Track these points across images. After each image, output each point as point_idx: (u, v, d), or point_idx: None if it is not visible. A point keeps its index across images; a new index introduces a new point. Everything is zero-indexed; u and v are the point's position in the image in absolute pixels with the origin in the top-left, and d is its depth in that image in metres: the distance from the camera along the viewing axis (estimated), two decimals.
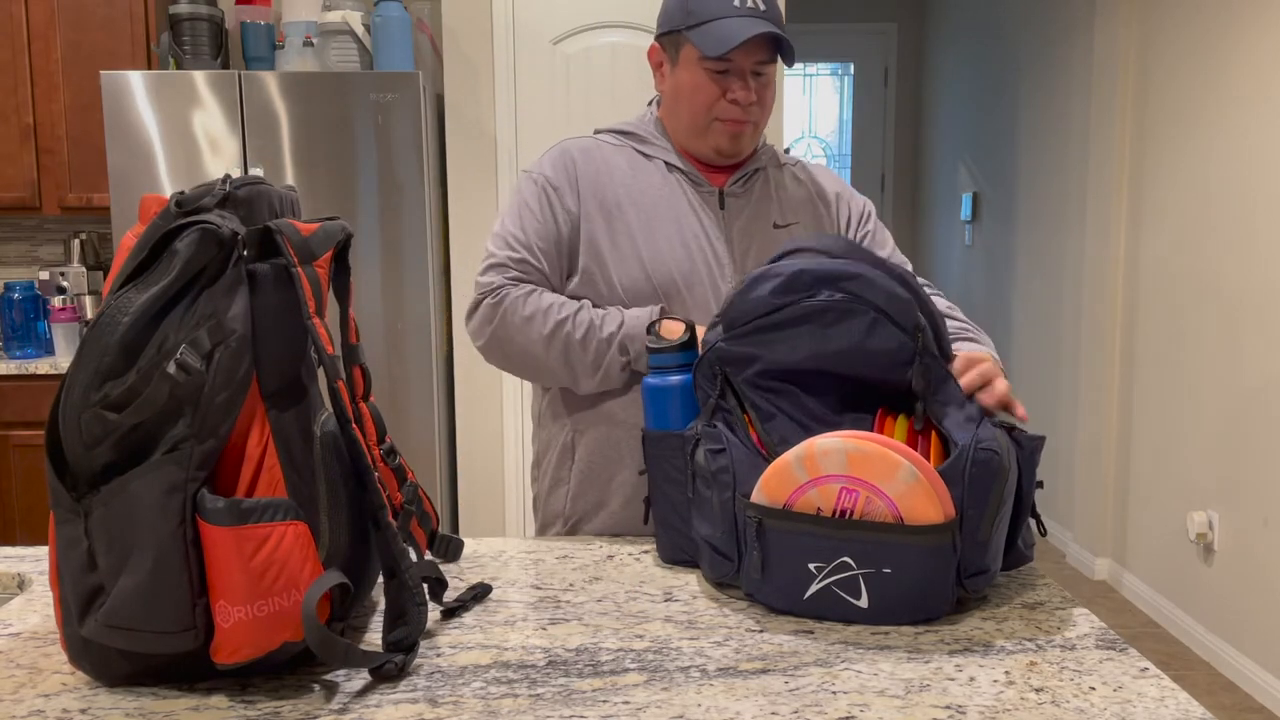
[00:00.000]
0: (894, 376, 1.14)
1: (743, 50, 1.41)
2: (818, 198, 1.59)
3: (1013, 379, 4.84)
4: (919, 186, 6.27)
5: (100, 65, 3.30)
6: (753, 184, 1.54)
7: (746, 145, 1.51)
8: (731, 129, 1.47)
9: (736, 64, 1.43)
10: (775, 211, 1.54)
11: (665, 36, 1.49)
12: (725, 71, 1.44)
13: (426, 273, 3.14)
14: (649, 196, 1.49)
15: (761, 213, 1.53)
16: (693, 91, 1.46)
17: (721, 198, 1.51)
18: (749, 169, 1.54)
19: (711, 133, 1.48)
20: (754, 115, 1.47)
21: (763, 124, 1.52)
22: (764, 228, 1.52)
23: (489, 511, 3.47)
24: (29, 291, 3.41)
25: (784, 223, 1.54)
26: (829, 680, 0.96)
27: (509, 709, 0.90)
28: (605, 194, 1.48)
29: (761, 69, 1.45)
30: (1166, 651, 3.34)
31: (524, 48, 3.33)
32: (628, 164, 1.51)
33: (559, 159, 1.51)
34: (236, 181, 0.98)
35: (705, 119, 1.47)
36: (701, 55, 1.43)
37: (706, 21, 1.41)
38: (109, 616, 0.89)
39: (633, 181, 1.50)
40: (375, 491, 1.01)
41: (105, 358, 0.88)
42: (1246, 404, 3.04)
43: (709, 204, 1.51)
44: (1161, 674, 0.97)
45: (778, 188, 1.56)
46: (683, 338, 1.28)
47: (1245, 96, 3.06)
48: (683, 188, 1.51)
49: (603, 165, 1.51)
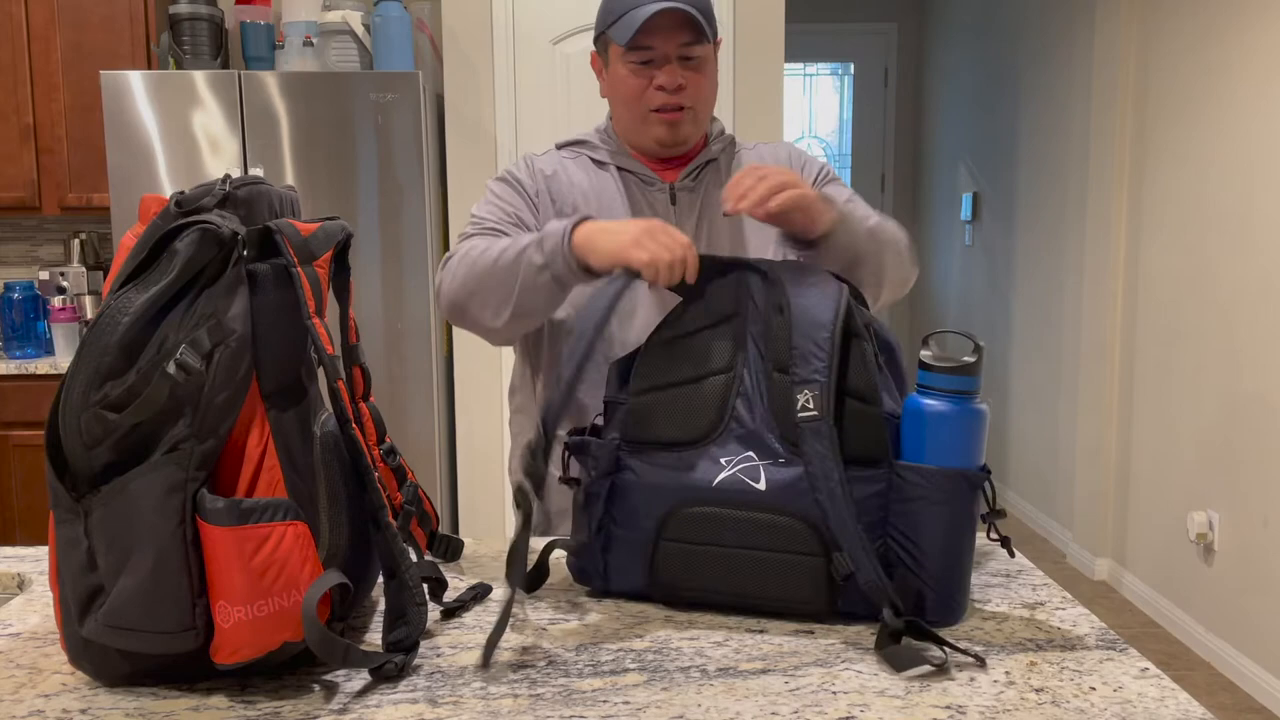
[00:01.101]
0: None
1: (659, 34, 1.41)
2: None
3: (1013, 379, 4.84)
4: (919, 186, 6.27)
5: (100, 65, 3.30)
6: (704, 176, 1.54)
7: (688, 133, 1.49)
8: (666, 118, 1.46)
9: (658, 50, 1.43)
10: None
11: (597, 41, 1.52)
12: (649, 61, 1.44)
13: (426, 273, 3.14)
14: (603, 201, 1.52)
15: (712, 203, 1.52)
16: (622, 86, 1.48)
17: (673, 194, 1.52)
18: (699, 161, 1.53)
19: (648, 125, 1.48)
20: (687, 100, 1.46)
21: (701, 110, 1.50)
22: (715, 219, 1.52)
23: (489, 511, 3.47)
24: (29, 291, 3.41)
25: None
26: (829, 680, 0.96)
27: (509, 709, 0.90)
28: (564, 201, 1.52)
29: (689, 53, 1.44)
30: (1166, 651, 3.34)
31: (524, 48, 3.33)
32: (583, 172, 1.55)
33: (524, 164, 1.57)
34: (236, 181, 0.98)
35: (640, 112, 1.47)
36: (622, 48, 1.44)
37: (621, 15, 1.42)
38: (109, 616, 0.89)
39: (588, 188, 1.53)
40: (375, 491, 1.01)
41: (105, 358, 0.88)
42: (1246, 404, 3.04)
43: (660, 201, 1.52)
44: (1161, 674, 0.97)
45: (729, 174, 1.55)
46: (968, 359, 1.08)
47: (1245, 96, 3.06)
48: (636, 189, 1.53)
49: (562, 175, 1.54)
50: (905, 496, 1.06)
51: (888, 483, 1.07)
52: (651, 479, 1.11)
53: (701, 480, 1.09)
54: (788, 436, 1.08)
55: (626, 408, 1.14)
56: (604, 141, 1.57)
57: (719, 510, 1.08)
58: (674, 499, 1.09)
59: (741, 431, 1.09)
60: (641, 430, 1.13)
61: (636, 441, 1.13)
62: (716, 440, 1.10)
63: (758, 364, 1.12)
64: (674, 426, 1.11)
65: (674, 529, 1.10)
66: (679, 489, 1.09)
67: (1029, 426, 4.69)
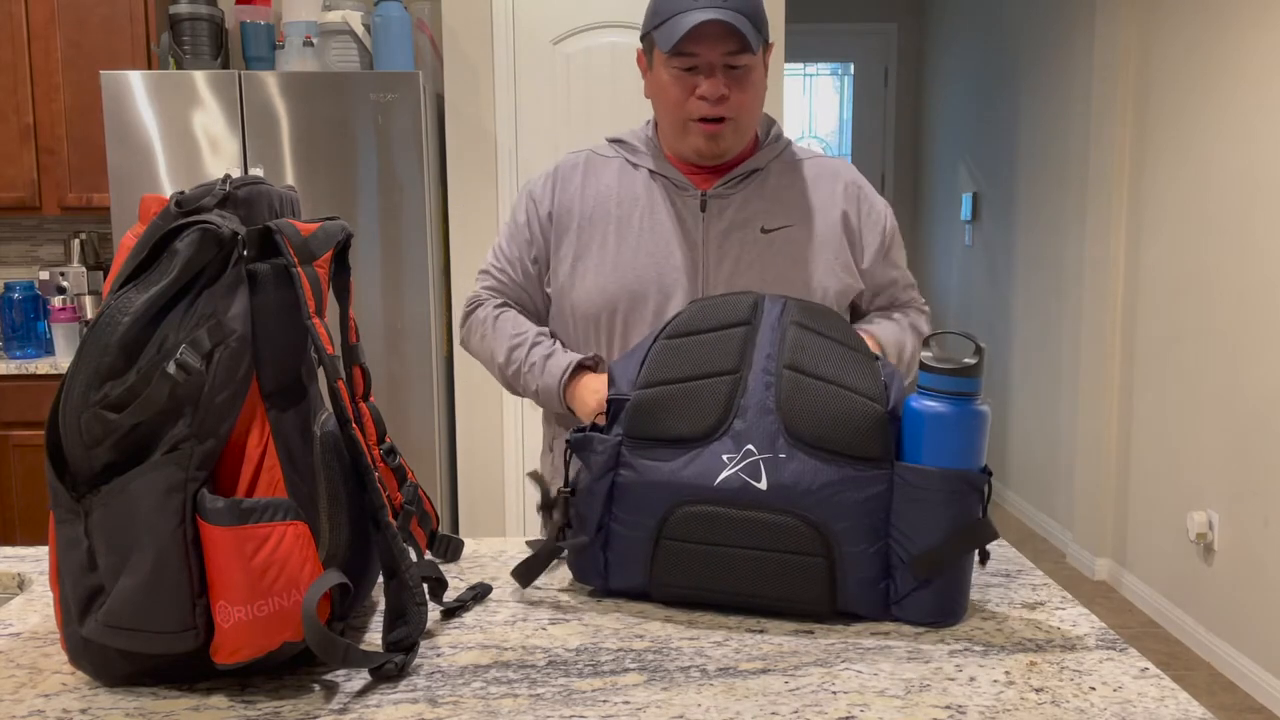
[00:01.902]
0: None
1: (704, 42, 1.38)
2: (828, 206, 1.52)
3: (1013, 379, 4.85)
4: (919, 186, 6.27)
5: (100, 65, 3.30)
6: (744, 186, 1.49)
7: (728, 144, 1.46)
8: (706, 129, 1.43)
9: (703, 58, 1.39)
10: (764, 214, 1.49)
11: (644, 40, 1.48)
12: (693, 68, 1.40)
13: (426, 273, 3.14)
14: (624, 207, 1.50)
15: (747, 217, 1.48)
16: (664, 91, 1.45)
17: (704, 202, 1.48)
18: (743, 170, 1.49)
19: (689, 134, 1.45)
20: (729, 111, 1.42)
21: (745, 121, 1.45)
22: (749, 232, 1.48)
23: (489, 511, 3.47)
24: (29, 291, 3.41)
25: (773, 226, 1.48)
26: (829, 680, 0.96)
27: (509, 709, 0.90)
28: (583, 208, 1.52)
29: (734, 62, 1.40)
30: (1166, 651, 3.34)
31: (524, 48, 3.33)
32: (615, 174, 1.53)
33: (549, 175, 1.57)
34: (236, 181, 0.98)
35: (680, 119, 1.44)
36: (665, 53, 1.40)
37: (668, 19, 1.39)
38: (109, 616, 0.89)
39: (613, 192, 1.51)
40: (375, 491, 1.01)
41: (105, 358, 0.88)
42: (1247, 404, 3.04)
43: (689, 210, 1.48)
44: (1161, 674, 0.97)
45: (776, 188, 1.51)
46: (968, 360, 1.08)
47: (1245, 97, 3.06)
48: (665, 194, 1.49)
49: (588, 178, 1.53)
50: (906, 497, 1.06)
51: (889, 483, 1.07)
52: (652, 477, 1.11)
53: (703, 479, 1.09)
54: (793, 435, 1.08)
55: (630, 403, 1.14)
56: (642, 143, 1.53)
57: (720, 509, 1.08)
58: (675, 497, 1.09)
59: (745, 429, 1.09)
60: (645, 425, 1.12)
61: (639, 437, 1.13)
62: (720, 438, 1.10)
63: (767, 364, 1.12)
64: (678, 422, 1.11)
65: (674, 528, 1.10)
66: (680, 487, 1.09)
67: (1029, 426, 4.70)
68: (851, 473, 1.07)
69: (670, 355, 1.15)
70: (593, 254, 1.49)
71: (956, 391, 1.06)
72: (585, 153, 1.58)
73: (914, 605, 1.08)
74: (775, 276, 1.47)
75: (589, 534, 1.14)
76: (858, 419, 1.07)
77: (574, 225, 1.51)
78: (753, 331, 1.15)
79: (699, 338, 1.16)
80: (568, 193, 1.53)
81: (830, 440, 1.07)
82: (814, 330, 1.14)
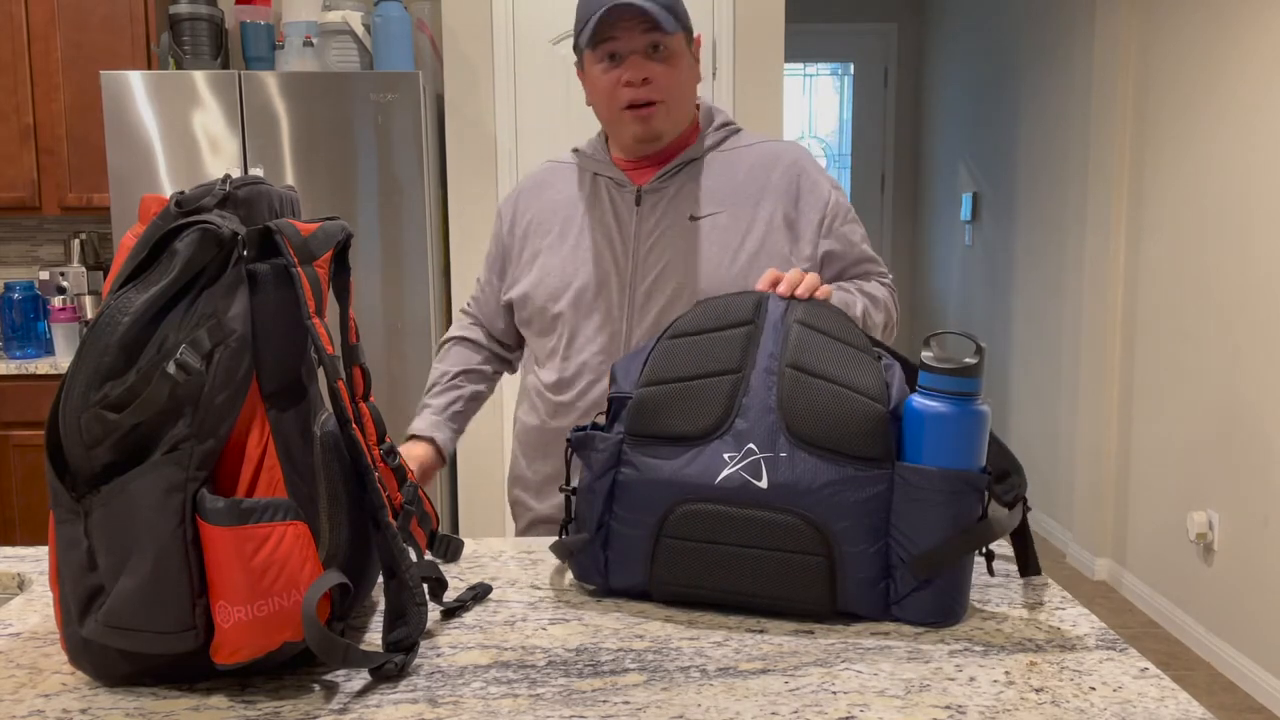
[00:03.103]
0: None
1: (620, 30, 1.42)
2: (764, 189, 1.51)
3: (1013, 378, 4.85)
4: (919, 186, 6.27)
5: (100, 65, 3.30)
6: (679, 178, 1.52)
7: (661, 126, 1.48)
8: (637, 114, 1.46)
9: (622, 43, 1.43)
10: (693, 203, 1.50)
11: (577, 51, 1.52)
12: (615, 56, 1.44)
13: (426, 273, 3.14)
14: (568, 209, 1.55)
15: (677, 206, 1.50)
16: (595, 87, 1.49)
17: (638, 196, 1.51)
18: (679, 161, 1.51)
19: (623, 123, 1.48)
20: (657, 94, 1.45)
21: (675, 104, 1.48)
22: (676, 221, 1.50)
23: (489, 511, 3.47)
24: (29, 291, 3.41)
25: (702, 214, 1.49)
26: (829, 680, 0.96)
27: (509, 709, 0.90)
28: (532, 218, 1.58)
29: (654, 42, 1.43)
30: (1166, 651, 3.34)
31: (524, 48, 3.33)
32: (567, 180, 1.58)
33: (513, 191, 1.65)
34: (236, 181, 0.98)
35: (614, 110, 1.48)
36: (589, 49, 1.46)
37: (587, 19, 1.44)
38: (109, 617, 0.89)
39: (559, 198, 1.57)
40: (375, 491, 1.01)
41: (105, 358, 0.88)
42: (1246, 403, 3.04)
43: (625, 205, 1.52)
44: (1161, 674, 0.97)
45: (711, 176, 1.51)
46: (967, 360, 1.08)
47: (1245, 97, 3.06)
48: (607, 193, 1.53)
49: (542, 187, 1.60)
50: (906, 497, 1.06)
51: (889, 483, 1.07)
52: (653, 475, 1.11)
53: (704, 477, 1.09)
54: (794, 434, 1.08)
55: (632, 401, 1.14)
56: (592, 148, 1.59)
57: (720, 508, 1.08)
58: (675, 495, 1.09)
59: (746, 428, 1.09)
60: (646, 423, 1.13)
61: (640, 435, 1.13)
62: (721, 436, 1.10)
63: (770, 363, 1.12)
64: (679, 420, 1.11)
65: (675, 526, 1.10)
66: (680, 486, 1.09)
67: (1029, 426, 4.70)
68: (852, 472, 1.07)
69: (672, 354, 1.15)
70: (541, 257, 1.56)
71: (957, 391, 1.06)
72: (548, 163, 1.64)
73: (914, 605, 1.08)
74: (700, 263, 1.47)
75: (589, 532, 1.14)
76: (859, 418, 1.07)
77: (529, 233, 1.58)
78: (755, 331, 1.15)
79: (701, 337, 1.16)
80: (527, 204, 1.60)
81: (831, 439, 1.07)
82: (817, 329, 1.14)
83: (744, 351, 1.14)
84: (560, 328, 1.54)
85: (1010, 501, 1.16)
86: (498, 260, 1.65)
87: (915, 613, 1.08)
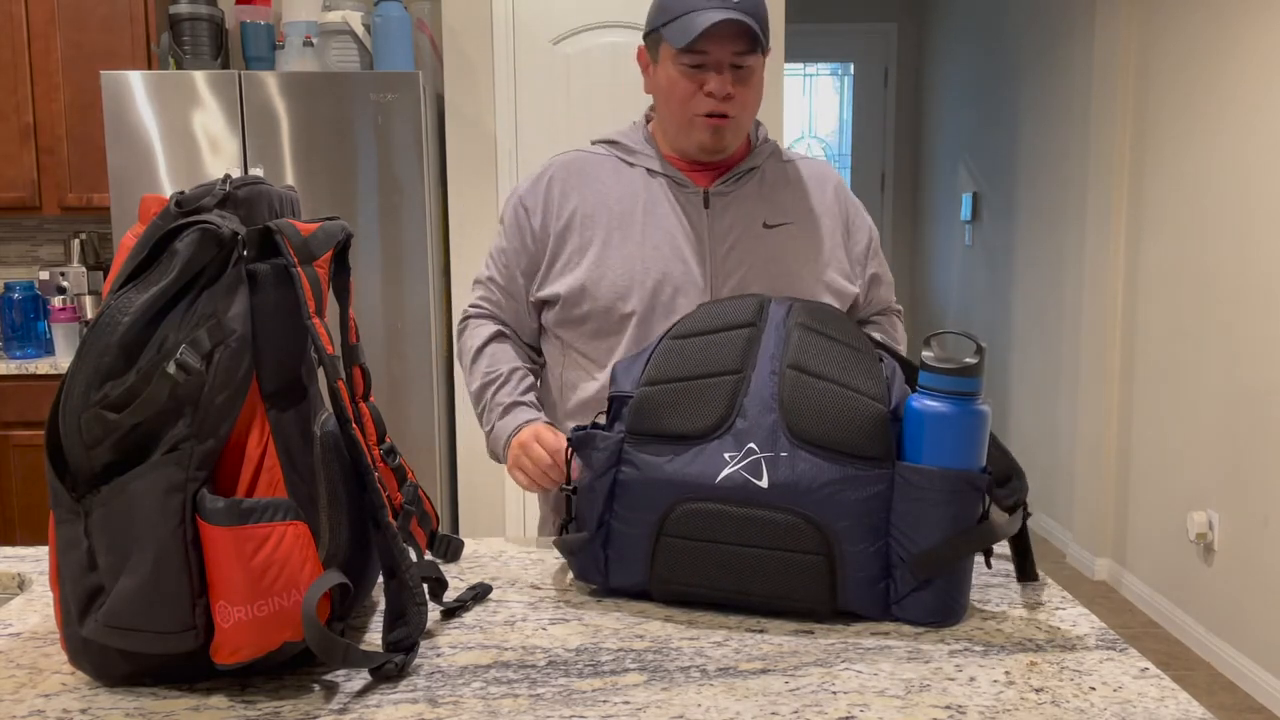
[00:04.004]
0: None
1: (715, 41, 1.40)
2: (823, 207, 1.57)
3: (1013, 378, 4.85)
4: (919, 186, 6.27)
5: (100, 65, 3.30)
6: (743, 183, 1.52)
7: (730, 140, 1.48)
8: (710, 124, 1.45)
9: (712, 56, 1.42)
10: (766, 211, 1.52)
11: (648, 37, 1.50)
12: (701, 65, 1.43)
13: (426, 273, 3.14)
14: (624, 204, 1.50)
15: (750, 212, 1.51)
16: (671, 87, 1.47)
17: (706, 198, 1.50)
18: (741, 168, 1.52)
19: (694, 128, 1.47)
20: (733, 109, 1.45)
21: (745, 119, 1.49)
22: (752, 228, 1.50)
23: (489, 511, 3.47)
24: (29, 291, 3.41)
25: (775, 223, 1.52)
26: (829, 680, 0.96)
27: (509, 709, 0.90)
28: (580, 207, 1.51)
29: (741, 61, 1.43)
30: (1166, 651, 3.34)
31: (524, 48, 3.33)
32: (610, 172, 1.53)
33: (537, 179, 1.57)
34: (236, 181, 0.98)
35: (686, 114, 1.46)
36: (675, 50, 1.43)
37: (679, 16, 1.41)
38: (109, 616, 0.89)
39: (611, 190, 1.52)
40: (375, 491, 1.01)
41: (105, 358, 0.88)
42: (1247, 403, 3.04)
43: (693, 206, 1.50)
44: (1161, 674, 0.97)
45: (773, 187, 1.54)
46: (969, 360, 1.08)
47: (1245, 97, 3.06)
48: (665, 191, 1.51)
49: (582, 177, 1.53)
50: (907, 497, 1.06)
51: (889, 483, 1.07)
52: (654, 474, 1.11)
53: (704, 476, 1.09)
54: (795, 434, 1.08)
55: (633, 400, 1.14)
56: (636, 142, 1.55)
57: (721, 507, 1.08)
58: (676, 494, 1.09)
59: (747, 428, 1.09)
60: (647, 422, 1.13)
61: (641, 434, 1.13)
62: (722, 435, 1.10)
63: (771, 364, 1.12)
64: (680, 419, 1.11)
65: (675, 525, 1.10)
66: (681, 485, 1.09)
67: (1029, 426, 4.70)
68: (852, 472, 1.07)
69: (674, 355, 1.15)
70: (595, 250, 1.49)
71: (957, 391, 1.06)
72: (574, 153, 1.58)
73: (914, 605, 1.08)
74: (781, 272, 1.50)
75: (590, 531, 1.14)
76: (859, 418, 1.07)
77: (575, 226, 1.51)
78: (757, 333, 1.15)
79: (704, 338, 1.16)
80: (565, 194, 1.53)
81: (832, 439, 1.07)
82: (818, 332, 1.14)
83: (745, 352, 1.14)
84: (630, 328, 1.48)
85: (1011, 506, 1.16)
86: (522, 256, 1.55)
87: (915, 612, 1.08)
